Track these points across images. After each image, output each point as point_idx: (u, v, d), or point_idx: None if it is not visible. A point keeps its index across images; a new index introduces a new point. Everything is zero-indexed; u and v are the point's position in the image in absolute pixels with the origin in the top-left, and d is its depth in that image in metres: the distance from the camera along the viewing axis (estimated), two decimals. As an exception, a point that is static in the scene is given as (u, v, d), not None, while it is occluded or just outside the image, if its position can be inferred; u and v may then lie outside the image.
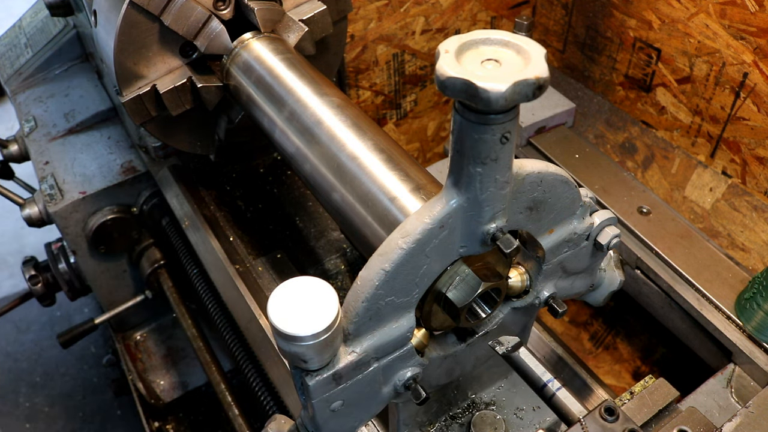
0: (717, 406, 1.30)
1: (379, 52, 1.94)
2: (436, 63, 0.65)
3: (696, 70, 1.65)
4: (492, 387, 1.22)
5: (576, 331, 2.04)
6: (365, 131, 1.02)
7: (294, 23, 1.26)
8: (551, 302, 1.01)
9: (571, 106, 1.93)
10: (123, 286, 1.91)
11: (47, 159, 1.76)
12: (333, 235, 1.50)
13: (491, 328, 1.02)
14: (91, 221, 1.70)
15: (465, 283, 0.87)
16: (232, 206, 1.55)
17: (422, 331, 0.96)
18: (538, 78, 0.63)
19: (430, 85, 2.13)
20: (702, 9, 1.57)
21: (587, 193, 0.95)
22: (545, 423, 1.19)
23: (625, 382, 1.91)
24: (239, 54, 1.21)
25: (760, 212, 1.60)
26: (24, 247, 2.84)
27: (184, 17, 1.16)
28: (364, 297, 0.80)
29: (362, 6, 1.82)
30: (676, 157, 1.78)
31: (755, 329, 1.35)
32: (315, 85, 1.12)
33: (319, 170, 1.03)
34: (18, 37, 2.11)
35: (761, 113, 1.54)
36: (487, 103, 0.63)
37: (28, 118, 1.89)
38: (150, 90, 1.21)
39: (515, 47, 0.67)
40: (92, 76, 2.01)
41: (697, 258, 1.52)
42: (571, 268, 1.01)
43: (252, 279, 1.33)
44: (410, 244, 0.78)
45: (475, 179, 0.74)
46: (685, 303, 1.46)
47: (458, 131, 0.71)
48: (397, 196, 0.91)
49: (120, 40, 1.14)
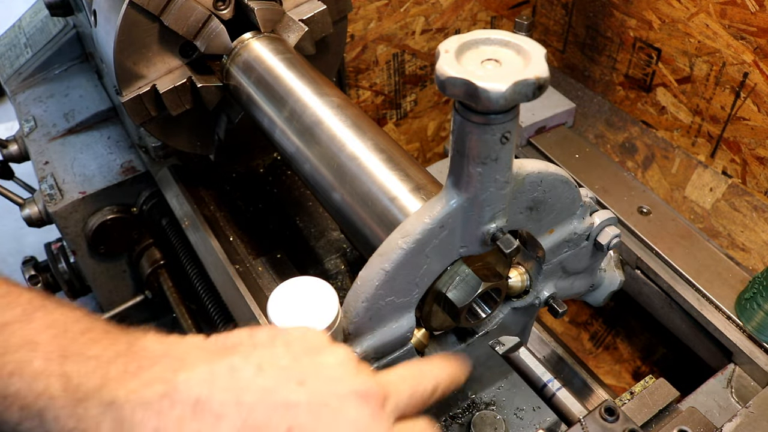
0: (717, 406, 1.30)
1: (379, 52, 1.94)
2: (436, 63, 0.65)
3: (696, 70, 1.65)
4: (492, 387, 1.22)
5: (576, 331, 2.04)
6: (365, 131, 1.02)
7: (294, 23, 1.26)
8: (551, 302, 1.01)
9: (571, 106, 1.92)
10: (123, 286, 1.90)
11: (47, 159, 1.76)
12: (333, 235, 1.50)
13: (491, 328, 1.02)
14: (91, 221, 1.70)
15: (465, 283, 0.87)
16: (232, 206, 1.55)
17: (422, 331, 0.96)
18: (538, 78, 0.63)
19: (430, 85, 2.13)
20: (702, 9, 1.57)
21: (587, 193, 0.95)
22: (545, 423, 1.19)
23: (625, 382, 1.91)
24: (239, 54, 1.21)
25: (761, 212, 1.60)
26: (24, 247, 2.84)
27: (184, 17, 1.15)
28: (364, 297, 0.80)
29: (362, 6, 1.82)
30: (676, 157, 1.78)
31: (755, 329, 1.35)
32: (315, 85, 1.12)
33: (319, 170, 1.03)
34: (18, 37, 2.11)
35: (761, 113, 1.54)
36: (487, 103, 0.63)
37: (27, 118, 1.89)
38: (150, 90, 1.21)
39: (515, 47, 0.67)
40: (92, 76, 2.00)
41: (697, 258, 1.52)
42: (571, 268, 1.01)
43: (252, 279, 1.33)
44: (410, 244, 0.78)
45: (475, 179, 0.74)
46: (685, 303, 1.46)
47: (458, 131, 0.71)
48: (397, 196, 0.91)
49: (120, 40, 1.14)
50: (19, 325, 0.65)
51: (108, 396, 0.60)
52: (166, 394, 0.60)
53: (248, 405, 0.60)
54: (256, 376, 0.62)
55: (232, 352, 0.65)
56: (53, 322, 0.66)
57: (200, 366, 0.63)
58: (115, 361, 0.63)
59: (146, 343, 0.66)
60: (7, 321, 0.66)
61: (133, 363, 0.63)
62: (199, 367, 0.63)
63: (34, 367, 0.62)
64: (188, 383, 0.61)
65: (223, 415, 0.60)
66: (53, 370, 0.62)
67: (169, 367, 0.63)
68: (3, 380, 0.62)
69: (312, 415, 0.61)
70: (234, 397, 0.61)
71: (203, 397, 0.60)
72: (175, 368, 0.62)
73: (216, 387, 0.61)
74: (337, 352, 0.67)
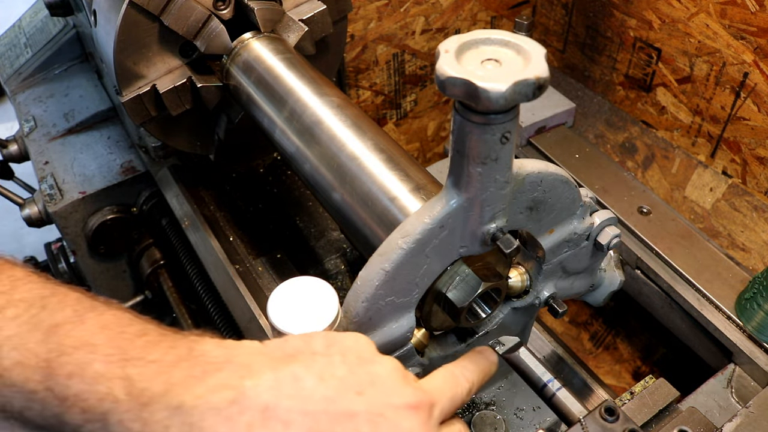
0: (717, 406, 1.30)
1: (379, 52, 1.94)
2: (436, 63, 0.65)
3: (696, 70, 1.65)
4: (492, 387, 1.22)
5: (576, 331, 2.04)
6: (365, 131, 1.01)
7: (294, 23, 1.26)
8: (551, 302, 1.01)
9: (571, 106, 1.92)
10: (123, 286, 1.90)
11: (47, 159, 1.76)
12: (333, 235, 1.50)
13: (491, 328, 1.02)
14: (90, 221, 1.70)
15: (465, 283, 0.87)
16: (232, 206, 1.55)
17: (422, 331, 0.96)
18: (538, 78, 0.63)
19: (430, 85, 2.13)
20: (702, 9, 1.57)
21: (587, 193, 0.95)
22: (545, 423, 1.19)
23: (626, 382, 1.91)
24: (239, 54, 1.21)
25: (761, 212, 1.60)
26: (24, 247, 2.84)
27: (184, 17, 1.15)
28: (364, 297, 0.80)
29: (362, 6, 1.82)
30: (677, 157, 1.78)
31: (755, 329, 1.35)
32: (315, 85, 1.12)
33: (319, 170, 1.03)
34: (18, 36, 2.11)
35: (761, 113, 1.54)
36: (487, 103, 0.63)
37: (27, 118, 1.89)
38: (150, 90, 1.21)
39: (515, 47, 0.67)
40: (92, 76, 2.00)
41: (697, 258, 1.52)
42: (571, 268, 1.01)
43: (252, 279, 1.33)
44: (410, 244, 0.78)
45: (475, 179, 0.74)
46: (685, 303, 1.46)
47: (458, 131, 0.71)
48: (397, 196, 0.91)
49: (120, 40, 1.14)
50: (72, 326, 0.66)
51: (175, 400, 0.61)
52: (235, 401, 0.61)
53: (313, 414, 0.63)
54: (318, 386, 0.65)
55: (293, 360, 0.67)
56: (107, 324, 0.67)
57: (265, 373, 0.64)
58: (177, 365, 0.64)
59: (206, 348, 0.67)
60: (58, 322, 0.66)
61: (196, 368, 0.64)
62: (265, 374, 0.64)
63: (95, 368, 0.62)
64: (256, 390, 0.62)
65: (290, 422, 0.61)
66: (115, 372, 0.62)
67: (235, 373, 0.64)
68: (61, 381, 0.62)
69: (371, 425, 0.64)
70: (299, 405, 0.63)
71: (271, 404, 0.62)
72: (242, 375, 0.64)
73: (282, 395, 0.63)
74: (386, 362, 0.71)
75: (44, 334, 0.65)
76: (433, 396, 0.71)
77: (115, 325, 0.67)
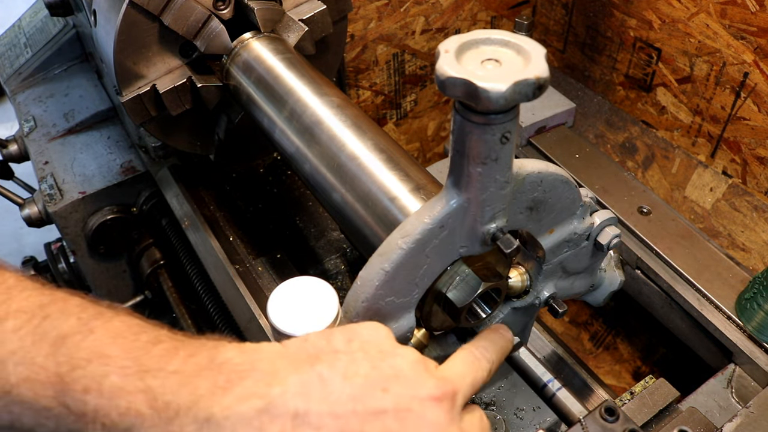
0: (717, 407, 1.30)
1: (379, 52, 1.94)
2: (436, 63, 0.65)
3: (696, 69, 1.65)
4: (492, 387, 1.22)
5: (576, 331, 2.04)
6: (365, 131, 1.01)
7: (294, 23, 1.26)
8: (551, 302, 1.01)
9: (571, 106, 1.92)
10: (123, 286, 1.90)
11: (47, 159, 1.76)
12: (333, 235, 1.50)
13: (491, 328, 1.02)
14: (90, 221, 1.70)
15: (465, 283, 0.87)
16: (232, 206, 1.55)
17: (422, 331, 0.96)
18: (538, 78, 0.63)
19: (430, 85, 2.13)
20: (702, 9, 1.57)
21: (587, 193, 0.95)
22: (545, 423, 1.19)
23: (626, 382, 1.91)
24: (239, 54, 1.21)
25: (761, 212, 1.60)
26: (23, 247, 2.84)
27: (184, 17, 1.15)
28: (364, 297, 0.80)
29: (362, 6, 1.82)
30: (677, 157, 1.78)
31: (756, 329, 1.35)
32: (315, 85, 1.12)
33: (319, 170, 1.02)
34: (17, 36, 2.11)
35: (762, 113, 1.54)
36: (487, 103, 0.63)
37: (27, 118, 1.89)
38: (150, 90, 1.21)
39: (515, 47, 0.67)
40: (92, 76, 2.00)
41: (697, 258, 1.52)
42: (572, 268, 1.01)
43: (252, 279, 1.33)
44: (410, 244, 0.78)
45: (475, 179, 0.74)
46: (685, 303, 1.46)
47: (458, 131, 0.71)
48: (397, 196, 0.91)
49: (120, 39, 1.14)
50: (81, 336, 0.63)
51: (203, 413, 0.60)
52: (264, 410, 0.61)
53: (342, 415, 0.62)
54: (344, 386, 0.64)
55: (316, 360, 0.66)
56: (117, 332, 0.65)
57: (291, 377, 0.64)
58: (200, 375, 0.62)
59: (228, 355, 0.66)
60: (65, 333, 0.63)
61: (220, 377, 0.63)
62: (290, 378, 0.64)
63: (112, 381, 0.61)
64: (284, 397, 0.62)
65: (321, 426, 0.61)
66: (135, 385, 0.61)
67: (261, 380, 0.63)
68: (77, 397, 0.60)
69: (399, 421, 0.64)
70: (328, 408, 0.62)
71: (301, 411, 0.61)
72: (268, 382, 0.63)
73: (311, 399, 0.62)
74: (407, 353, 0.71)
75: (51, 347, 0.62)
76: (456, 384, 0.71)
77: (126, 333, 0.65)
